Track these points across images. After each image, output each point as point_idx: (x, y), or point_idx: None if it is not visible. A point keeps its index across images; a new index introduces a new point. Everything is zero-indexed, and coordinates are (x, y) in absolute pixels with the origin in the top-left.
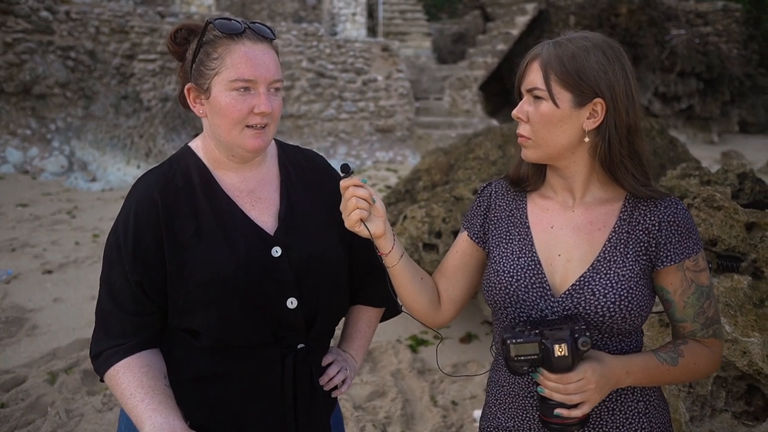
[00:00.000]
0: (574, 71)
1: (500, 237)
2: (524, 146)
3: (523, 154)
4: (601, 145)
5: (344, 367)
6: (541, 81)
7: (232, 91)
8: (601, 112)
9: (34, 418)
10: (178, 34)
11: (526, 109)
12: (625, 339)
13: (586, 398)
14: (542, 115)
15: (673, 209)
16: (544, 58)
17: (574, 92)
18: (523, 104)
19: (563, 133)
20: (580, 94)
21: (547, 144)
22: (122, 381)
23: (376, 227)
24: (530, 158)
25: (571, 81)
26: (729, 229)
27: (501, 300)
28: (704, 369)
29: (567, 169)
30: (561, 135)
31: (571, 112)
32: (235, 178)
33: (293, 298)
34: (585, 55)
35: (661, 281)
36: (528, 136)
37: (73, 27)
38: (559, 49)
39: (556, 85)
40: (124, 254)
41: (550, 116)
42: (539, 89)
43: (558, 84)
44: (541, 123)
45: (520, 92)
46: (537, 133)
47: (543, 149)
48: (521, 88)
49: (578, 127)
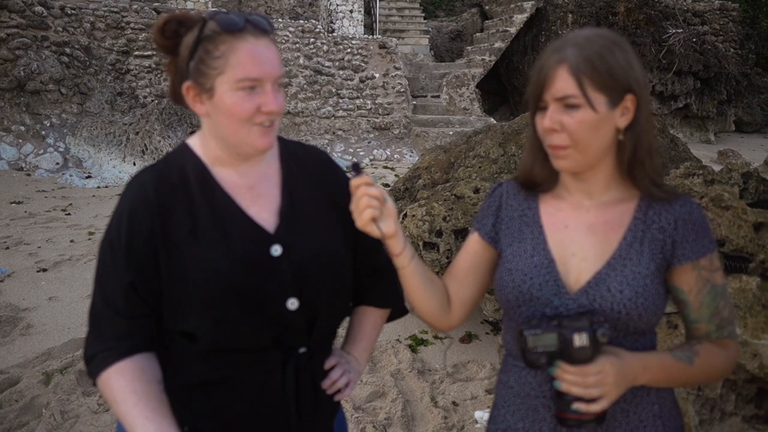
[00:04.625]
0: (606, 71)
1: (512, 236)
2: (561, 157)
3: (558, 165)
4: (631, 142)
5: (348, 370)
6: (575, 88)
7: (239, 91)
8: (632, 107)
9: (28, 419)
10: (167, 26)
11: (559, 119)
12: (640, 338)
13: (605, 392)
14: (582, 123)
15: (689, 208)
16: (572, 63)
17: (609, 93)
18: (554, 113)
19: (603, 136)
20: (613, 93)
21: (589, 151)
22: (114, 386)
23: (387, 227)
24: (568, 168)
25: (605, 82)
26: (737, 230)
27: (514, 298)
28: (720, 370)
29: (590, 172)
30: (601, 139)
31: (607, 114)
32: (234, 174)
33: (294, 299)
34: (610, 54)
35: (676, 281)
36: (566, 145)
37: (68, 22)
38: (584, 50)
39: (591, 90)
40: (117, 254)
41: (590, 122)
42: (574, 96)
43: (593, 88)
44: (582, 131)
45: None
46: (578, 142)
47: (584, 157)
48: (545, 96)
49: (613, 127)
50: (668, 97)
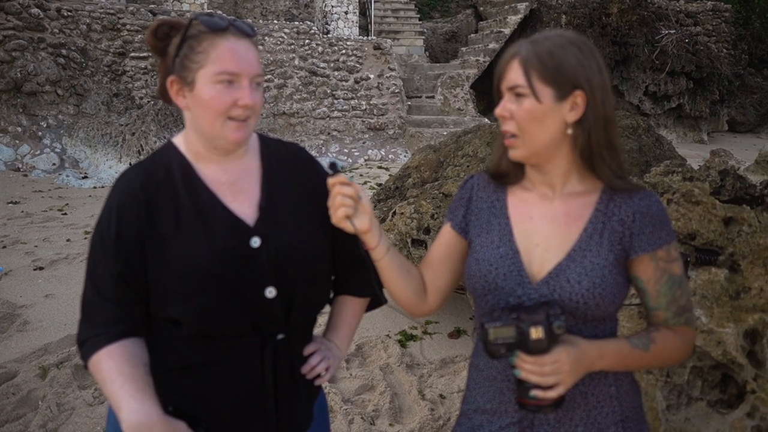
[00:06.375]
0: (553, 67)
1: (481, 227)
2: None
3: (511, 154)
4: (582, 136)
5: (327, 356)
6: (522, 78)
7: (217, 84)
8: (581, 103)
9: (25, 411)
10: (160, 29)
11: (509, 107)
12: (599, 325)
13: (561, 380)
14: (526, 111)
15: (647, 201)
16: (523, 57)
17: (555, 86)
18: (506, 102)
19: (548, 127)
20: (560, 88)
21: (534, 140)
22: (104, 368)
23: (361, 223)
24: (518, 157)
25: (551, 76)
26: (707, 224)
27: (481, 287)
28: (675, 356)
29: (548, 163)
30: (546, 130)
31: (553, 107)
32: (217, 171)
33: (272, 288)
34: (562, 51)
35: (636, 271)
36: (514, 132)
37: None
38: (536, 46)
39: (537, 82)
40: (106, 246)
41: (534, 112)
42: (521, 86)
43: (539, 80)
44: (525, 119)
45: (500, 91)
46: (522, 130)
47: (530, 146)
48: (501, 86)
49: (561, 121)
50: (661, 97)
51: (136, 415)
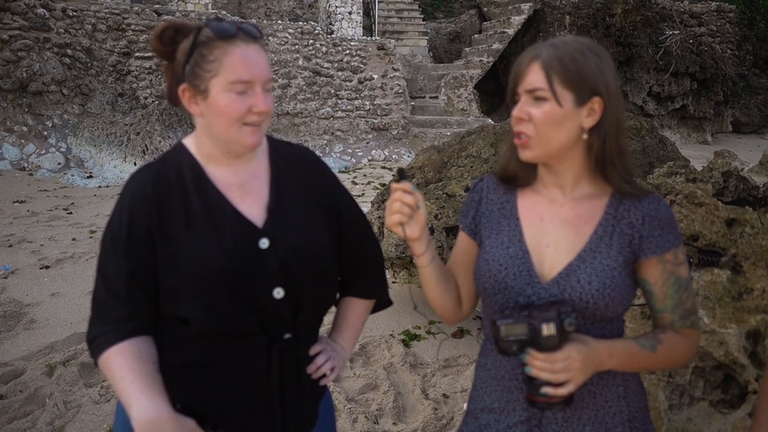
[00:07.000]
0: (575, 72)
1: (491, 228)
2: (524, 146)
3: (522, 154)
4: (597, 143)
5: (332, 356)
6: (544, 81)
7: (231, 92)
8: (598, 110)
9: (32, 409)
10: (165, 33)
11: (527, 110)
12: (607, 326)
13: (571, 377)
14: (546, 115)
15: (656, 205)
16: (545, 60)
17: (575, 92)
18: (524, 105)
19: (564, 131)
20: (580, 93)
21: (549, 143)
22: (113, 365)
23: (412, 231)
24: (529, 158)
25: (573, 81)
26: (710, 225)
27: (490, 287)
28: (681, 357)
29: (560, 166)
30: (562, 134)
31: (572, 111)
32: (226, 173)
33: (280, 288)
34: (583, 57)
35: (643, 273)
36: (530, 134)
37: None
38: (558, 51)
39: (558, 86)
40: (117, 245)
41: (553, 115)
42: (541, 89)
43: (560, 84)
44: (544, 122)
45: (516, 93)
46: (540, 133)
47: (544, 148)
48: (519, 89)
49: (578, 126)
50: (665, 98)
51: (146, 412)
